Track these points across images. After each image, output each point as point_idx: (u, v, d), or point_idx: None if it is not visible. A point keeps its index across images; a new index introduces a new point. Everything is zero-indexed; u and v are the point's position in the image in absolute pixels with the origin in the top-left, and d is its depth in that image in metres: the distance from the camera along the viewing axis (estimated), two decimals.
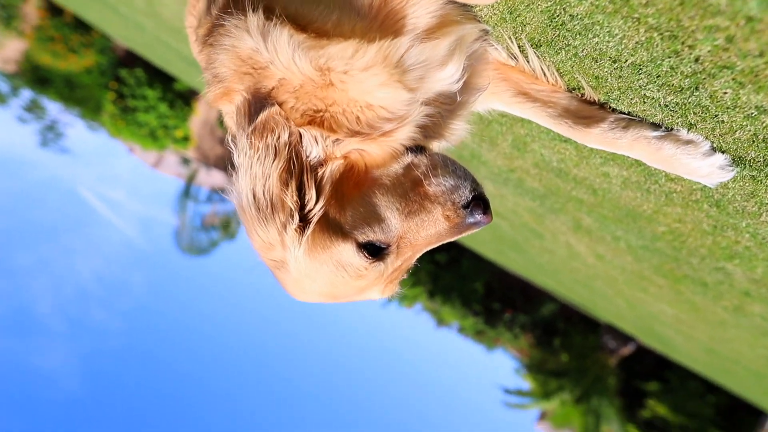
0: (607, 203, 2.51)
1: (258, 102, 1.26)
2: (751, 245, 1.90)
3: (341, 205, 1.23)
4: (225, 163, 1.33)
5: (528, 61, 1.45)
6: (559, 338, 17.22)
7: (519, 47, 1.43)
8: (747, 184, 1.41)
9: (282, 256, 1.24)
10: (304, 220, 1.21)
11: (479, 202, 1.20)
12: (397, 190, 1.23)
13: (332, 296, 1.29)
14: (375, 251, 1.22)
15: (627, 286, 4.87)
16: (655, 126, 1.36)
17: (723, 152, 1.31)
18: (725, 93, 1.10)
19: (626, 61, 1.22)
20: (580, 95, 1.45)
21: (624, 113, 1.40)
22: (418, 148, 1.27)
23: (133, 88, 16.64)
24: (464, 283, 17.62)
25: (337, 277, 1.23)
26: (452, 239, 1.23)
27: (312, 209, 1.21)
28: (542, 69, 1.45)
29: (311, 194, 1.21)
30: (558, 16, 1.26)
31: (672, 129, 1.34)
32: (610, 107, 1.42)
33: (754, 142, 1.20)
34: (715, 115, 1.19)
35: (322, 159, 1.23)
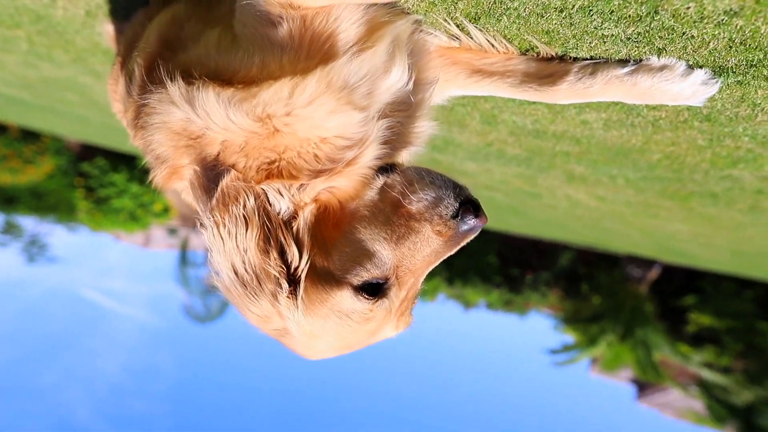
0: (594, 148, 2.43)
1: (209, 171, 1.16)
2: (752, 147, 1.81)
3: (326, 251, 1.13)
4: None
5: (471, 38, 1.36)
6: (585, 283, 17.16)
7: (458, 26, 1.34)
8: (735, 91, 1.32)
9: (282, 325, 1.14)
10: (293, 281, 1.12)
11: (468, 206, 1.10)
12: (378, 218, 1.13)
13: (345, 347, 1.19)
14: (375, 290, 1.12)
15: (636, 217, 4.80)
16: (623, 62, 1.27)
17: (701, 67, 1.22)
18: (688, 8, 1.01)
19: (573, 6, 1.13)
20: (535, 55, 1.36)
21: (587, 59, 1.31)
22: (388, 167, 1.17)
23: (100, 178, 16.46)
24: (477, 260, 17.54)
25: (344, 328, 1.13)
26: (452, 252, 1.13)
27: (298, 267, 1.11)
28: (488, 41, 1.36)
29: (293, 252, 1.11)
30: None
31: (641, 60, 1.25)
32: (570, 58, 1.33)
33: (731, 47, 1.11)
34: (683, 33, 1.10)
35: (292, 211, 1.13)
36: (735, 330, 14.12)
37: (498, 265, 18.02)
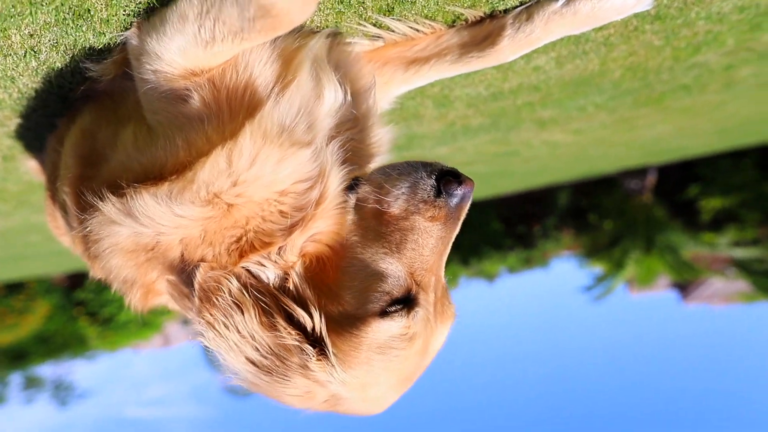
0: (554, 88, 2.34)
1: (181, 275, 1.05)
2: (710, 27, 1.73)
3: (335, 296, 1.02)
4: None
5: (393, 31, 1.26)
6: (591, 213, 17.13)
7: (375, 25, 1.24)
8: None
9: (327, 393, 1.02)
10: (316, 342, 1.00)
11: (447, 178, 0.99)
12: (368, 237, 1.02)
13: (405, 380, 1.07)
14: (400, 302, 1.01)
15: (617, 135, 4.73)
16: None
17: None
18: None
19: None
20: (465, 23, 1.26)
21: (517, 7, 1.22)
22: (353, 183, 1.06)
23: (97, 300, 16.23)
24: (483, 231, 17.46)
25: (393, 361, 1.01)
26: (457, 230, 1.03)
27: (313, 326, 1.00)
28: (411, 27, 1.27)
29: (301, 314, 1.00)
30: None
31: None
32: (500, 12, 1.24)
33: None
34: None
35: (282, 275, 1.02)
36: (747, 201, 14.12)
37: (503, 228, 17.94)
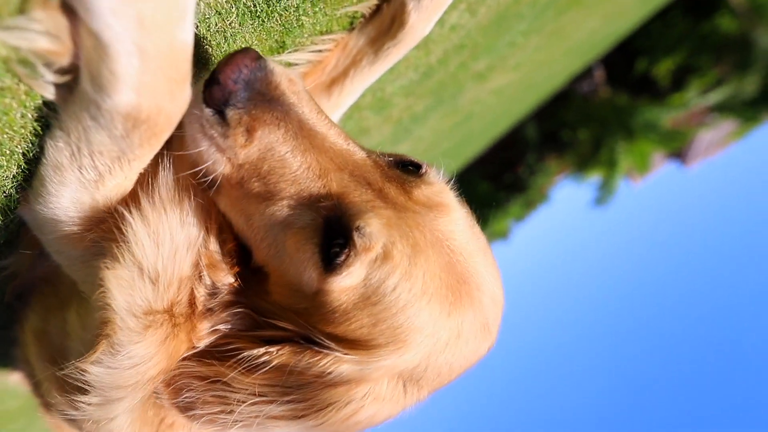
0: (478, 38, 2.23)
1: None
2: None
3: (289, 290, 0.83)
4: None
5: (296, 64, 1.13)
6: (563, 132, 17.13)
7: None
8: None
9: (392, 379, 0.84)
10: (309, 342, 0.82)
11: (208, 91, 0.74)
12: (248, 208, 0.81)
13: (448, 291, 0.80)
14: (340, 235, 0.77)
15: (552, 50, 4.66)
16: None
17: None
18: None
19: None
20: (363, 19, 1.13)
21: None
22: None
23: None
24: (474, 199, 17.29)
25: (402, 293, 0.77)
26: (293, 108, 0.78)
27: (295, 332, 0.82)
28: (313, 51, 1.13)
29: (272, 332, 0.82)
30: (259, 12, 0.93)
31: None
32: None
33: None
34: None
35: (231, 312, 0.85)
36: (693, 50, 14.21)
37: (491, 186, 17.88)
